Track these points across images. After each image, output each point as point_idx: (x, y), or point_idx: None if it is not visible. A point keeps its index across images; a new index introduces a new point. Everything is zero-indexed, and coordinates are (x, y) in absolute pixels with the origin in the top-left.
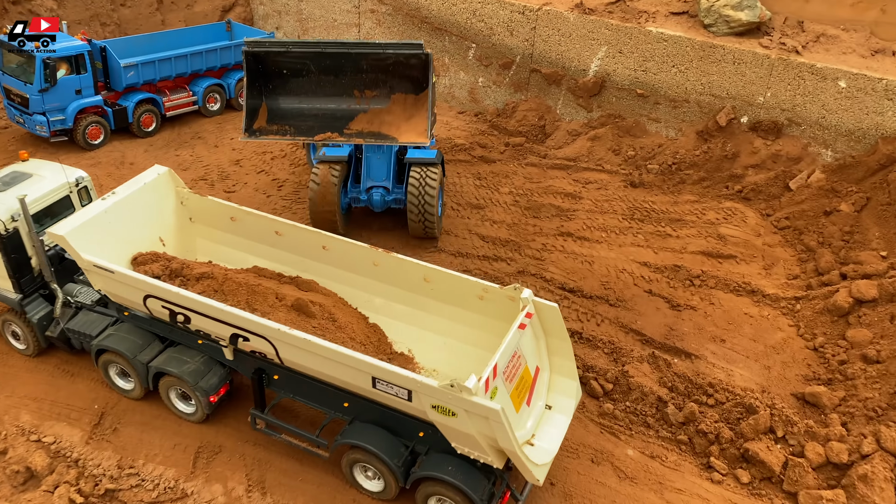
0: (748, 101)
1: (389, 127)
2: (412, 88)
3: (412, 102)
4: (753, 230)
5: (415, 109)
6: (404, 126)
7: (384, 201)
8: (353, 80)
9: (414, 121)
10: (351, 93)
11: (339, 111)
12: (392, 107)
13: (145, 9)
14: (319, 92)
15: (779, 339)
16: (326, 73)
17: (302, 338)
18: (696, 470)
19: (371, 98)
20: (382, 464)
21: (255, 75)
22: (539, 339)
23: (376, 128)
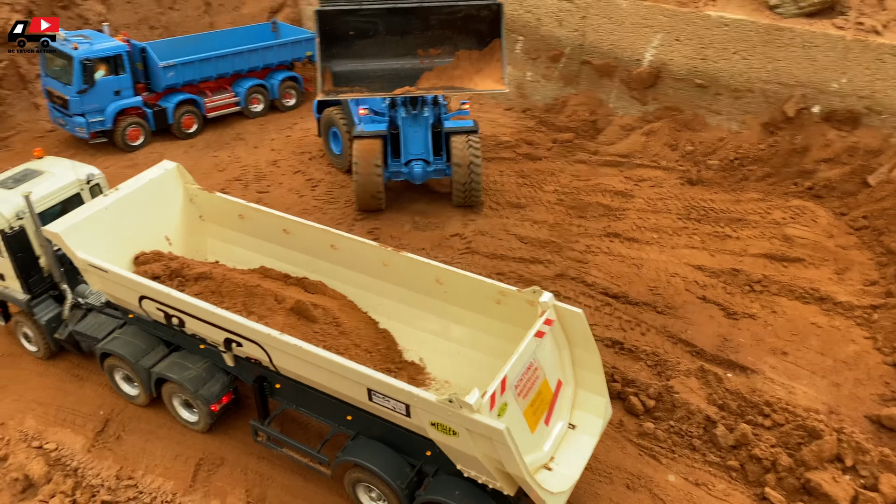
0: (820, 88)
1: (460, 80)
2: (476, 44)
3: (478, 57)
4: (825, 231)
5: (482, 63)
6: (476, 77)
7: (425, 173)
8: (418, 39)
9: (486, 71)
10: (415, 52)
11: (403, 71)
12: (458, 62)
13: (193, 11)
14: (383, 53)
15: (851, 352)
16: (393, 32)
17: (292, 344)
18: (747, 501)
19: (435, 56)
20: (385, 485)
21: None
22: (562, 349)
23: (446, 83)
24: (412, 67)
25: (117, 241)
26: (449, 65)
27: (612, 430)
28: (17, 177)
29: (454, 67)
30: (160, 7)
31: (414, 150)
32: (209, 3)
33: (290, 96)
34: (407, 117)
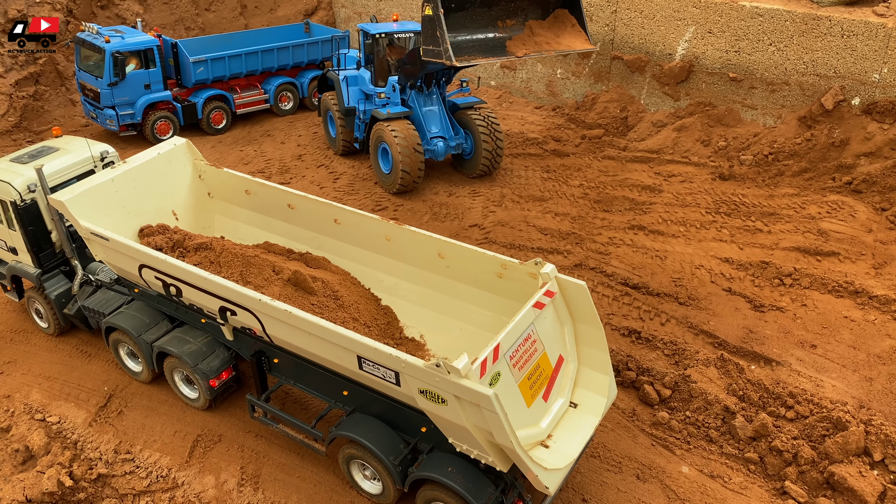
0: (860, 79)
1: (547, 44)
2: (541, 14)
3: (547, 25)
4: (864, 225)
5: (555, 29)
6: (561, 40)
7: (447, 148)
8: (497, 11)
9: (566, 34)
10: (495, 24)
11: (488, 41)
12: (530, 31)
13: (229, 13)
14: (472, 25)
15: (887, 347)
16: (482, 4)
17: (282, 310)
18: (765, 495)
19: (511, 27)
20: (377, 461)
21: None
22: (564, 323)
23: (539, 48)
24: (494, 37)
25: (123, 213)
26: (523, 33)
27: (625, 419)
28: (32, 153)
29: (529, 35)
30: (196, 8)
31: (433, 128)
32: (245, 6)
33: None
34: (420, 98)
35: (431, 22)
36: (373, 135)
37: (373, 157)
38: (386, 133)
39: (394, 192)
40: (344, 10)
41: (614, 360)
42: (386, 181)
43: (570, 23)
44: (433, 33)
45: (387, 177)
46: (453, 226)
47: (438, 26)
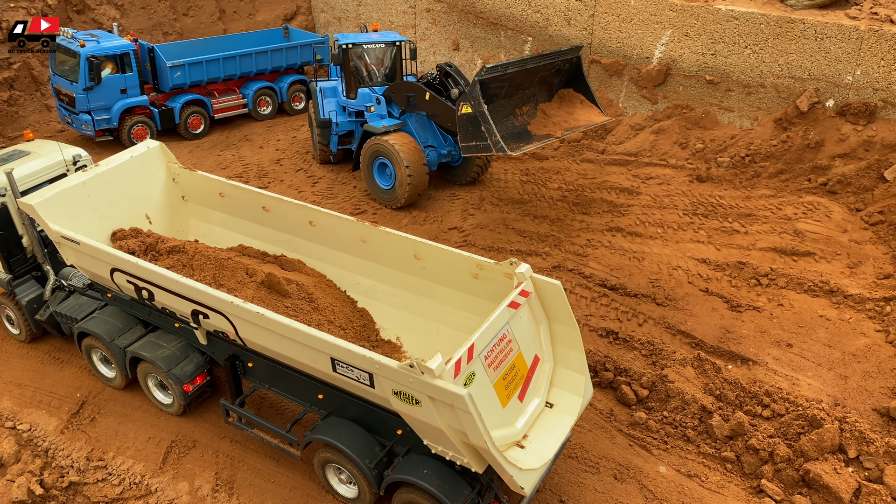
0: (834, 81)
1: (568, 123)
2: (547, 97)
3: (557, 105)
4: (839, 226)
5: (566, 107)
6: (576, 116)
7: (439, 156)
8: (516, 99)
9: (578, 110)
10: (514, 112)
11: (515, 129)
12: (544, 113)
13: (207, 18)
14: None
15: (861, 345)
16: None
17: (254, 312)
18: (742, 494)
19: (526, 112)
20: (353, 464)
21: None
22: (540, 323)
23: (560, 129)
24: (517, 125)
25: (95, 217)
26: (537, 118)
27: (603, 419)
28: (3, 157)
29: (544, 117)
30: (174, 13)
31: (424, 140)
32: (223, 10)
33: (298, 99)
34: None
35: (473, 119)
36: (367, 150)
37: (366, 173)
38: (386, 147)
39: (397, 207)
40: (323, 15)
41: (592, 360)
42: (386, 196)
43: (578, 100)
44: (476, 130)
45: (388, 192)
46: (432, 228)
47: (484, 122)
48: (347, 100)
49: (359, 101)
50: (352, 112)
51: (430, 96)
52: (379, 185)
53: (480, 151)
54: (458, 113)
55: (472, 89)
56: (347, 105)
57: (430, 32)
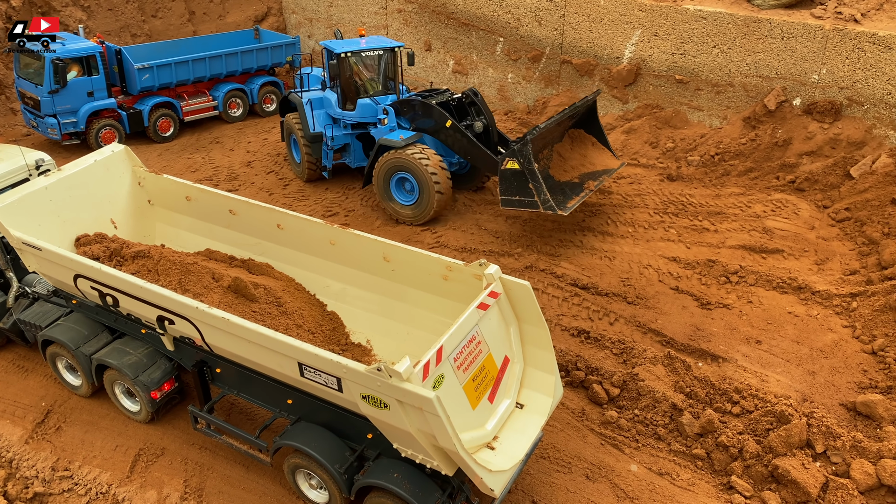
0: (800, 80)
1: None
2: (559, 136)
3: (569, 146)
4: (806, 223)
5: (579, 148)
6: (591, 160)
7: (450, 166)
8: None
9: (591, 153)
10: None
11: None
12: (560, 155)
13: (176, 20)
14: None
15: (829, 341)
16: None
17: (219, 317)
18: (713, 491)
19: (546, 156)
20: (323, 469)
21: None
22: (510, 324)
23: (571, 175)
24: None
25: (58, 222)
26: (554, 160)
27: (574, 419)
28: None
29: (561, 160)
30: (143, 15)
31: (436, 151)
32: (193, 12)
33: (269, 101)
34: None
35: (519, 176)
36: (383, 165)
37: (383, 188)
38: (409, 162)
39: (423, 222)
40: (295, 17)
41: (564, 360)
42: (408, 213)
43: (589, 141)
44: (521, 186)
45: (410, 208)
46: (405, 230)
47: (533, 180)
48: (344, 112)
49: (358, 113)
50: (348, 124)
51: (451, 124)
52: (398, 200)
53: (524, 207)
54: (502, 167)
55: (522, 148)
56: (344, 117)
57: (401, 33)
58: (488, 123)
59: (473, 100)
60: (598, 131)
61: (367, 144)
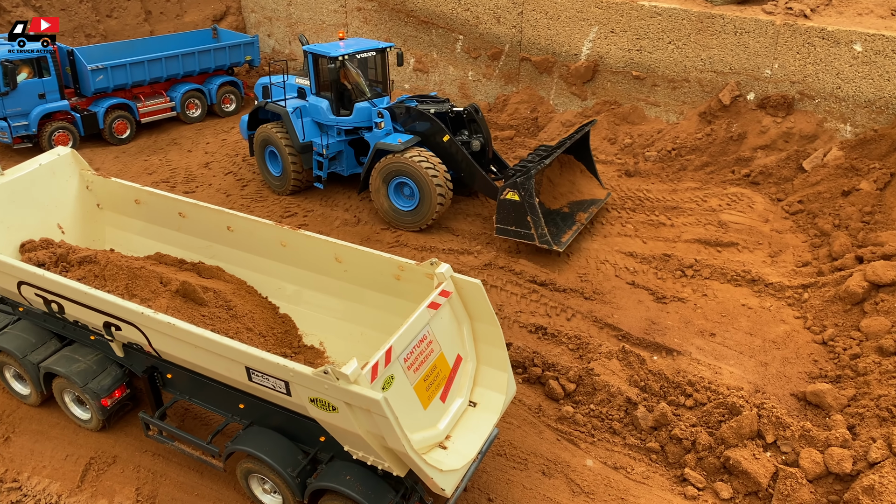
0: (754, 75)
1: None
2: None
3: (558, 171)
4: (761, 216)
5: (567, 174)
6: (579, 188)
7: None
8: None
9: (579, 181)
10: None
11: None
12: (550, 180)
13: (132, 19)
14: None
15: (781, 332)
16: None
17: (165, 322)
18: (667, 483)
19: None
20: (275, 474)
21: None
22: (462, 323)
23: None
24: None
25: (2, 228)
26: (544, 185)
27: (531, 415)
28: None
29: (550, 185)
30: (97, 15)
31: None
32: (149, 11)
33: (229, 101)
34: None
35: (518, 207)
36: (383, 170)
37: (381, 195)
38: (408, 166)
39: (422, 228)
40: (254, 16)
41: (521, 356)
42: (408, 219)
43: (578, 168)
44: (519, 217)
45: (410, 213)
46: (365, 230)
47: (532, 214)
48: (339, 118)
49: (355, 118)
50: (341, 131)
51: (448, 139)
52: (396, 206)
53: (520, 238)
54: (501, 197)
55: (525, 182)
56: (338, 123)
57: (361, 31)
58: (486, 142)
59: (474, 117)
60: (587, 158)
61: (358, 150)
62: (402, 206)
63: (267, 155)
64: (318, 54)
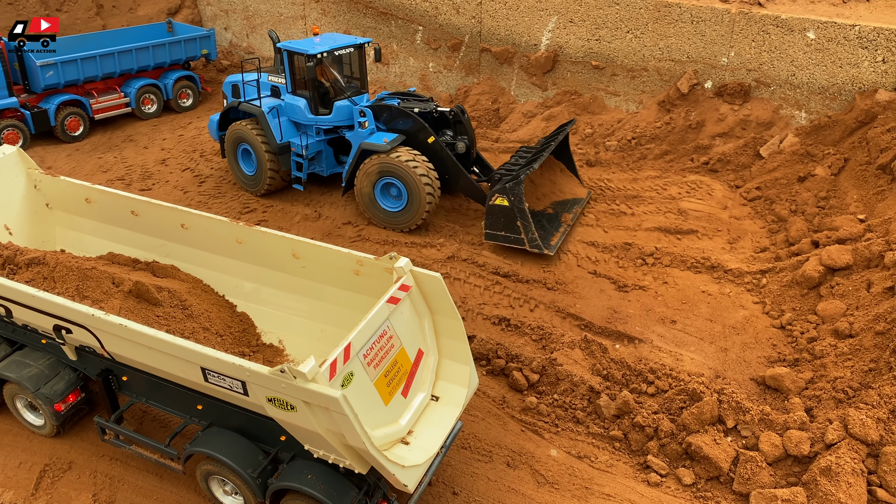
0: (711, 63)
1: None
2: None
3: (540, 172)
4: (720, 203)
5: (548, 174)
6: (560, 188)
7: None
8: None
9: (560, 180)
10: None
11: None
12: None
13: (83, 13)
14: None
15: (740, 317)
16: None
17: (116, 324)
18: (630, 471)
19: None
20: (235, 475)
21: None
22: (423, 317)
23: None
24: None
25: None
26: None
27: (495, 407)
28: None
29: (532, 187)
30: (46, 9)
31: None
32: (101, 5)
33: (185, 96)
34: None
35: (507, 212)
36: (370, 171)
37: (367, 197)
38: (396, 167)
39: (412, 228)
40: (210, 8)
41: (484, 348)
42: (396, 220)
43: (558, 168)
44: (508, 223)
45: (401, 214)
46: (325, 225)
47: (522, 219)
48: (318, 117)
49: (335, 117)
50: (320, 130)
51: (433, 140)
52: (383, 207)
53: (510, 243)
54: (490, 203)
55: (514, 187)
56: (317, 122)
57: (319, 23)
58: (470, 144)
59: (460, 118)
60: (567, 158)
61: (338, 149)
62: (390, 207)
63: (240, 153)
64: (294, 52)
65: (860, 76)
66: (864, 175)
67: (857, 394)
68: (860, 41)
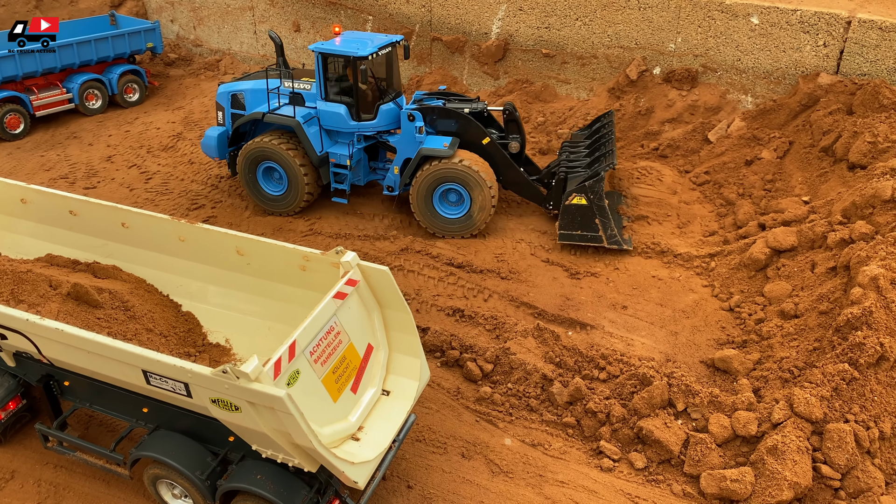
0: (659, 49)
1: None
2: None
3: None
4: (669, 188)
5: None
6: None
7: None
8: None
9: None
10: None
11: None
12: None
13: (21, 6)
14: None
15: (690, 301)
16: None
17: (52, 328)
18: (583, 457)
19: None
20: (183, 478)
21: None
22: (372, 311)
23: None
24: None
25: None
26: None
27: (450, 398)
28: None
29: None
30: None
31: None
32: None
33: (131, 91)
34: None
35: (585, 211)
36: (427, 177)
37: (423, 204)
38: (460, 172)
39: (469, 235)
40: (155, 0)
41: (438, 340)
42: (456, 227)
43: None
44: (586, 221)
45: (462, 220)
46: (275, 220)
47: (601, 216)
48: (361, 123)
49: (380, 121)
50: (361, 137)
51: (489, 141)
52: (442, 215)
53: (587, 242)
54: (567, 202)
55: (595, 185)
56: (361, 129)
57: (268, 14)
58: (522, 144)
59: (514, 116)
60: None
61: (370, 156)
62: (448, 214)
63: (259, 173)
64: (338, 55)
65: (803, 60)
66: (807, 157)
67: (801, 373)
68: (802, 25)
